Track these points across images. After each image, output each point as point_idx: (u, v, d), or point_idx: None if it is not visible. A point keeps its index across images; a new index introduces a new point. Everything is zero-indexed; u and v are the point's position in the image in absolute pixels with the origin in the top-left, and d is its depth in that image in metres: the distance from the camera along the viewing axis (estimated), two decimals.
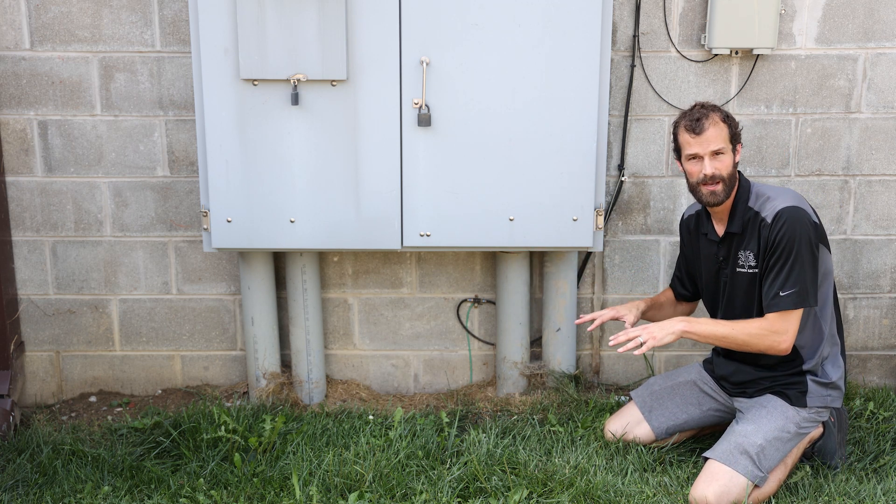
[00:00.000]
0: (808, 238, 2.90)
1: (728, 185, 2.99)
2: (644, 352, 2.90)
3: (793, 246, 2.89)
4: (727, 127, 2.98)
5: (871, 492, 2.99)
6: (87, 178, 3.66)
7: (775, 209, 2.94)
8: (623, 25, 3.55)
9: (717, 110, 2.99)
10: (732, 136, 2.99)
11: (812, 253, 2.91)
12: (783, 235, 2.90)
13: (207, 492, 3.04)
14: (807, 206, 2.97)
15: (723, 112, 3.00)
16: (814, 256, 2.92)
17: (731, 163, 2.99)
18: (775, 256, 2.93)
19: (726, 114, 3.00)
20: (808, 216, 2.94)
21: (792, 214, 2.91)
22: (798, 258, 2.90)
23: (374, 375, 3.91)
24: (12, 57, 3.54)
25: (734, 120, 3.01)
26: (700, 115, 2.98)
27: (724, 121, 2.98)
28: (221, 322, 3.84)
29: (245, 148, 3.29)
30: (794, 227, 2.89)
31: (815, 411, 3.04)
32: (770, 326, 2.93)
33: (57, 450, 3.32)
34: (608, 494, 2.97)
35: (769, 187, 3.05)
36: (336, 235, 3.38)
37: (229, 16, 3.17)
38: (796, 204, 2.94)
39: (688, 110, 3.02)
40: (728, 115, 3.01)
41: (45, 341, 3.84)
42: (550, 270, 3.68)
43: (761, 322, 2.95)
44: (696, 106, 3.02)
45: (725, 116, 2.99)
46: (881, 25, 3.55)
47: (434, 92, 3.25)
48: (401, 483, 3.04)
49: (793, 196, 2.98)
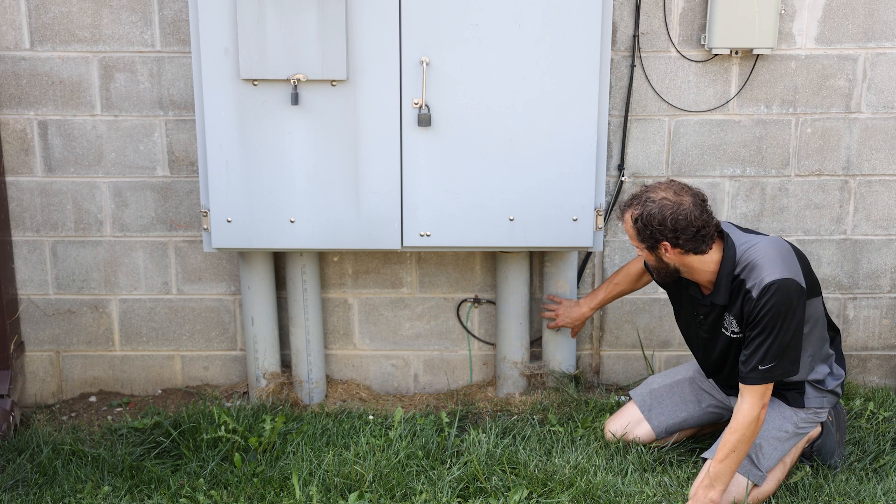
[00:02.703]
0: (794, 311, 2.80)
1: (658, 275, 2.98)
2: None
3: (776, 321, 2.79)
4: (635, 228, 2.86)
5: (871, 492, 2.99)
6: (87, 178, 3.66)
7: (763, 282, 2.80)
8: (623, 25, 3.55)
9: (636, 207, 2.84)
10: (643, 237, 2.85)
11: (797, 324, 2.82)
12: (768, 311, 2.79)
13: (207, 492, 3.04)
14: (794, 268, 2.85)
15: (642, 209, 2.82)
16: (798, 327, 2.82)
17: (652, 258, 2.91)
18: (757, 330, 2.83)
19: (643, 213, 2.82)
20: (796, 285, 2.80)
21: (779, 288, 2.78)
22: (781, 332, 2.80)
23: (374, 375, 3.91)
24: (12, 57, 3.54)
25: (650, 220, 2.81)
26: (623, 206, 2.91)
27: (635, 222, 2.85)
28: (221, 322, 3.84)
29: (245, 148, 3.29)
30: (780, 303, 2.78)
31: (814, 412, 3.04)
32: (753, 415, 2.83)
33: (57, 450, 3.32)
34: (608, 494, 2.97)
35: (757, 249, 2.87)
36: (336, 235, 3.38)
37: (229, 16, 3.17)
38: (783, 276, 2.79)
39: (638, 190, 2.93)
40: (644, 215, 2.81)
41: (45, 341, 3.84)
42: (550, 270, 3.68)
43: (746, 417, 2.83)
44: (641, 189, 2.90)
45: (637, 217, 2.83)
46: (881, 25, 3.55)
47: (434, 92, 3.25)
48: (401, 483, 3.04)
49: (781, 261, 2.84)
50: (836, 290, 3.80)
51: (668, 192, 2.83)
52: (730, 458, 2.86)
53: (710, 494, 2.87)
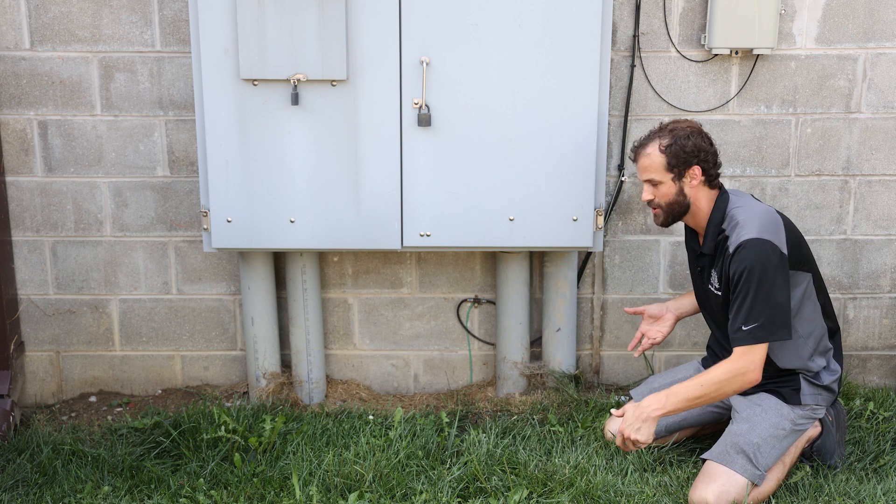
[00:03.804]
0: (772, 272, 2.81)
1: (668, 211, 2.99)
2: (633, 449, 2.96)
3: (751, 280, 2.82)
4: (664, 157, 2.91)
5: (871, 492, 2.99)
6: (87, 178, 3.67)
7: (739, 239, 2.86)
8: (623, 25, 3.55)
9: (665, 136, 2.92)
10: (674, 165, 2.92)
11: (777, 287, 2.82)
12: (741, 269, 2.83)
13: (207, 492, 3.04)
14: (777, 234, 2.86)
15: (672, 138, 2.91)
16: (780, 289, 2.83)
17: (672, 191, 2.96)
18: (736, 290, 2.87)
19: (674, 141, 2.90)
20: (773, 248, 2.83)
21: (754, 247, 2.82)
22: (759, 293, 2.81)
23: (374, 375, 3.91)
24: (12, 57, 3.54)
25: (684, 145, 2.90)
26: (641, 141, 2.98)
27: (665, 150, 2.91)
28: (221, 322, 3.84)
29: (245, 148, 3.29)
30: (754, 262, 2.81)
31: (810, 409, 3.04)
32: (734, 369, 2.86)
33: (57, 450, 3.32)
34: (608, 494, 2.97)
35: (746, 209, 2.93)
36: (336, 235, 3.38)
37: (229, 16, 3.17)
38: (761, 236, 2.83)
39: (651, 129, 3.02)
40: (676, 142, 2.90)
41: (45, 341, 3.84)
42: (550, 270, 3.68)
43: (727, 366, 2.87)
44: (656, 127, 2.99)
45: (669, 145, 2.91)
46: (881, 25, 3.55)
47: (434, 92, 3.25)
48: (401, 483, 3.04)
49: (763, 223, 2.87)
50: (836, 290, 3.80)
51: (684, 123, 2.97)
52: (693, 388, 2.87)
53: (655, 412, 2.87)
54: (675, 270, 3.78)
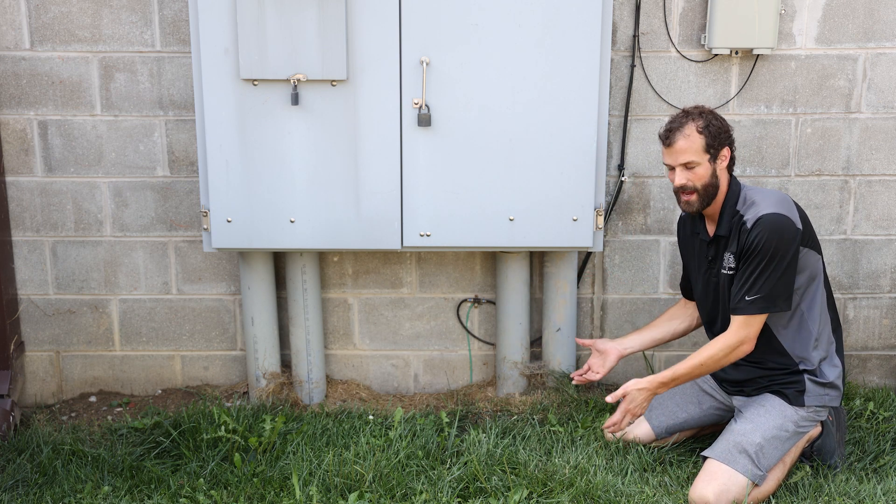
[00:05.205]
0: (786, 245, 2.88)
1: (704, 194, 2.98)
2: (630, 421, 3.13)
3: (767, 252, 2.88)
4: (703, 137, 2.92)
5: (871, 492, 2.99)
6: (87, 178, 3.66)
7: (757, 214, 2.92)
8: (623, 25, 3.55)
9: (698, 118, 2.94)
10: (711, 145, 2.93)
11: (788, 260, 2.90)
12: (759, 241, 2.89)
13: (207, 492, 3.04)
14: (792, 211, 2.94)
15: (705, 119, 2.93)
16: (790, 263, 2.90)
17: (708, 173, 2.96)
18: (748, 261, 2.93)
19: (708, 122, 2.93)
20: (790, 222, 2.90)
21: (772, 221, 2.89)
22: (770, 264, 2.89)
23: (374, 375, 3.91)
24: (12, 57, 3.54)
25: (718, 126, 2.94)
26: (674, 125, 2.96)
27: (703, 130, 2.92)
28: (221, 322, 3.84)
29: (245, 148, 3.29)
30: (772, 234, 2.88)
31: (814, 410, 3.04)
32: (730, 341, 2.96)
33: (57, 450, 3.32)
34: (608, 494, 2.97)
35: (759, 191, 3.02)
36: (336, 235, 3.38)
37: (229, 16, 3.17)
38: (778, 210, 2.91)
39: (673, 116, 3.02)
40: (710, 123, 2.93)
41: (45, 341, 3.84)
42: (550, 270, 3.68)
43: (723, 340, 2.97)
44: (680, 113, 2.99)
45: (706, 125, 2.92)
46: (881, 25, 3.55)
47: (434, 92, 3.25)
48: (401, 483, 3.04)
49: (778, 200, 2.95)
50: (836, 290, 3.80)
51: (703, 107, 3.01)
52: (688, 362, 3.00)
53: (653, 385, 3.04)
54: (675, 270, 3.78)
